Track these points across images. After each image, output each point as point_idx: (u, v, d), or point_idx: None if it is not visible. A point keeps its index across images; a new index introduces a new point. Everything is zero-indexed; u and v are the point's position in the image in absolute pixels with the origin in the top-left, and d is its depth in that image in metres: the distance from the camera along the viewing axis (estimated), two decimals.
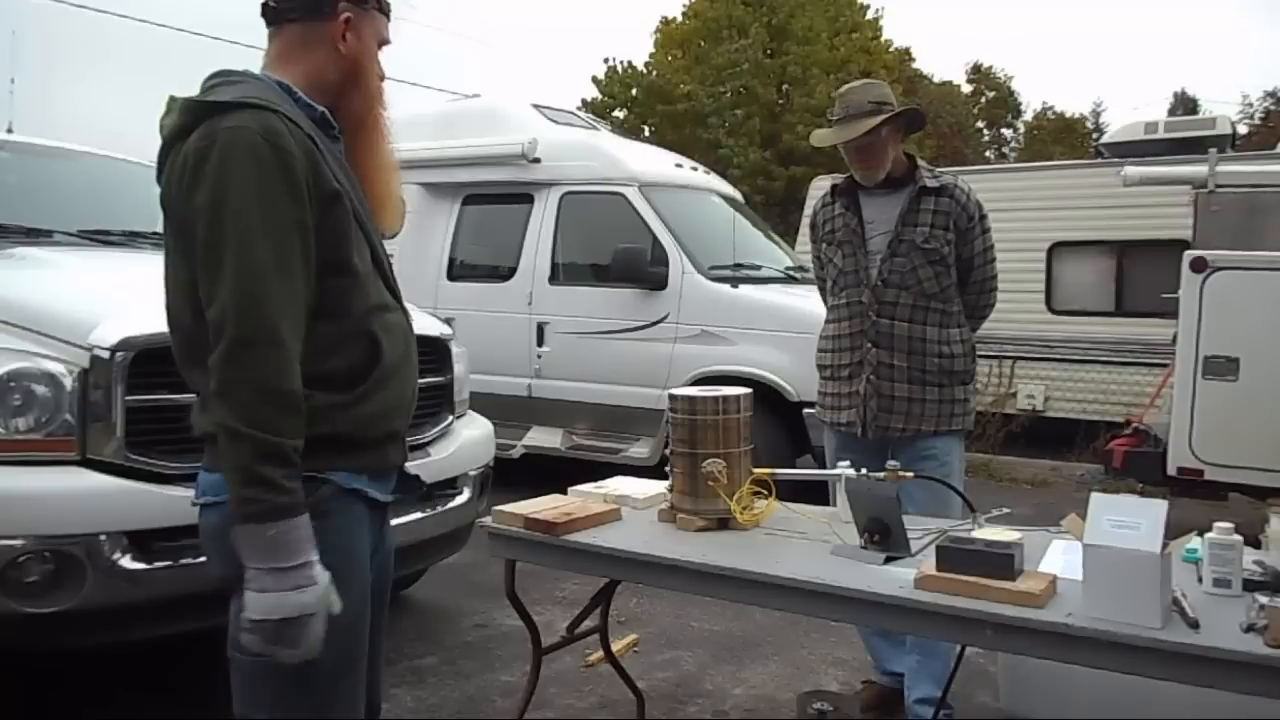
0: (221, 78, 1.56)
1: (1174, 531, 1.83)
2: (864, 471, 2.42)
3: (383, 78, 1.70)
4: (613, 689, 3.14)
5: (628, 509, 2.53)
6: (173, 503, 2.51)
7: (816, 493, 2.70)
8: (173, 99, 1.53)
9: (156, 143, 1.54)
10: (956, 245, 2.93)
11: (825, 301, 3.16)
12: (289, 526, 1.37)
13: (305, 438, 1.42)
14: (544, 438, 6.27)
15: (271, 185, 1.41)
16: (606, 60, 24.92)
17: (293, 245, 1.43)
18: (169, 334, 1.55)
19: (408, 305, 1.70)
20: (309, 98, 1.58)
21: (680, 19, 25.15)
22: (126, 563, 2.56)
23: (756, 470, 2.45)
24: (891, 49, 26.22)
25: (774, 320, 5.64)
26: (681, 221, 6.21)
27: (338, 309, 1.51)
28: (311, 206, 1.46)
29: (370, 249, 1.60)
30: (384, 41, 1.69)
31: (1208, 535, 1.94)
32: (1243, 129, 18.38)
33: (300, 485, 1.40)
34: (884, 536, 2.12)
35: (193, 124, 1.45)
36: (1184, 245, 5.11)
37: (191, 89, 1.56)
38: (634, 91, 24.36)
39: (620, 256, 5.88)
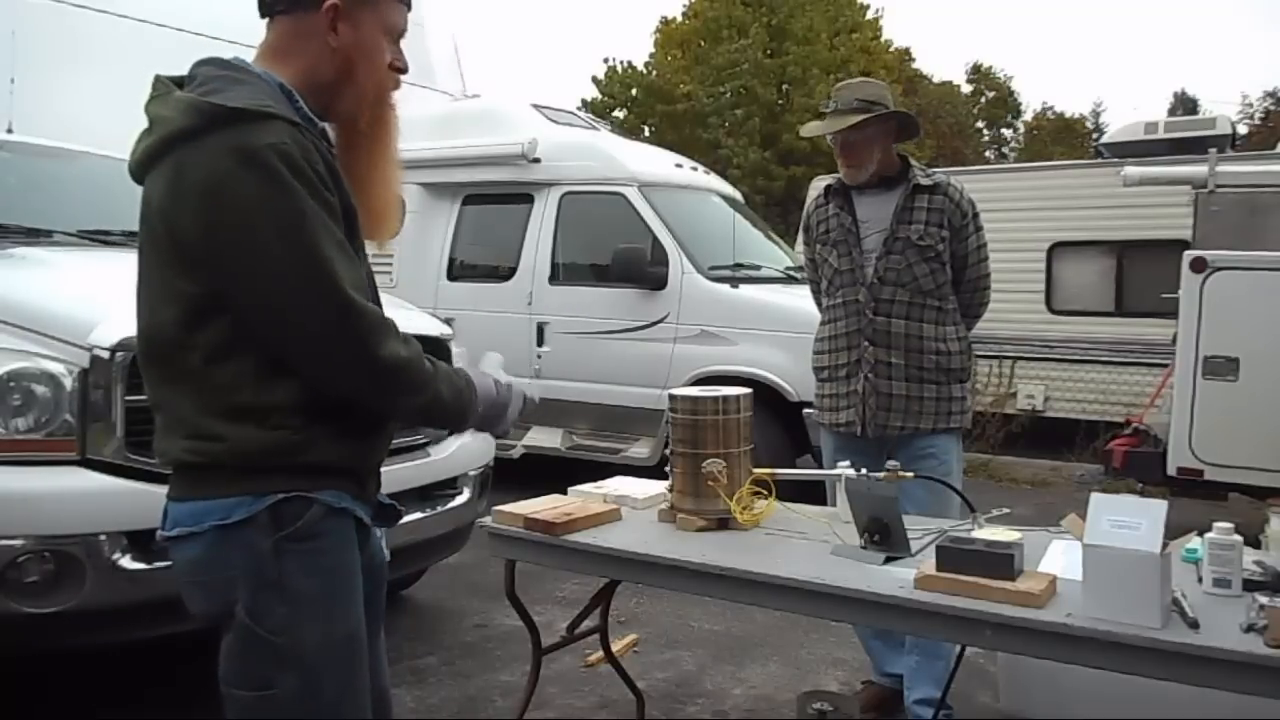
0: (218, 68, 1.40)
1: (1174, 531, 1.83)
2: (864, 471, 2.42)
3: (400, 71, 1.51)
4: (613, 689, 3.14)
5: (628, 509, 2.53)
6: None
7: (816, 493, 2.70)
8: (162, 82, 1.40)
9: None
10: (951, 242, 2.93)
11: (819, 304, 3.17)
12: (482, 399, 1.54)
13: (294, 464, 1.39)
14: (544, 438, 6.27)
15: (315, 204, 1.32)
16: (606, 60, 25.02)
17: (349, 261, 1.38)
18: (139, 345, 1.44)
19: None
20: (307, 105, 1.43)
21: (680, 19, 25.18)
22: (126, 563, 2.56)
23: (756, 470, 2.45)
24: (891, 49, 26.26)
25: (774, 320, 5.64)
26: (681, 221, 6.21)
27: None
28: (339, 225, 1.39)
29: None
30: (397, 32, 1.50)
31: (1208, 535, 1.94)
32: (1243, 129, 18.39)
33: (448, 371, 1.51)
34: (884, 536, 2.12)
35: (201, 128, 1.29)
36: (1184, 245, 5.11)
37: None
38: (634, 91, 24.38)
39: (620, 256, 5.88)
